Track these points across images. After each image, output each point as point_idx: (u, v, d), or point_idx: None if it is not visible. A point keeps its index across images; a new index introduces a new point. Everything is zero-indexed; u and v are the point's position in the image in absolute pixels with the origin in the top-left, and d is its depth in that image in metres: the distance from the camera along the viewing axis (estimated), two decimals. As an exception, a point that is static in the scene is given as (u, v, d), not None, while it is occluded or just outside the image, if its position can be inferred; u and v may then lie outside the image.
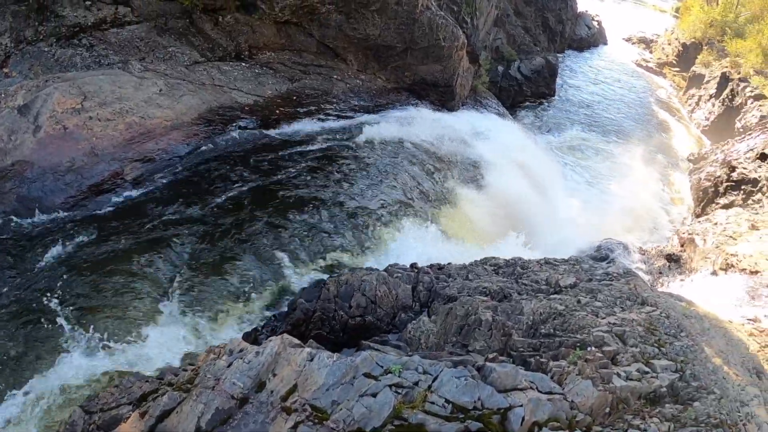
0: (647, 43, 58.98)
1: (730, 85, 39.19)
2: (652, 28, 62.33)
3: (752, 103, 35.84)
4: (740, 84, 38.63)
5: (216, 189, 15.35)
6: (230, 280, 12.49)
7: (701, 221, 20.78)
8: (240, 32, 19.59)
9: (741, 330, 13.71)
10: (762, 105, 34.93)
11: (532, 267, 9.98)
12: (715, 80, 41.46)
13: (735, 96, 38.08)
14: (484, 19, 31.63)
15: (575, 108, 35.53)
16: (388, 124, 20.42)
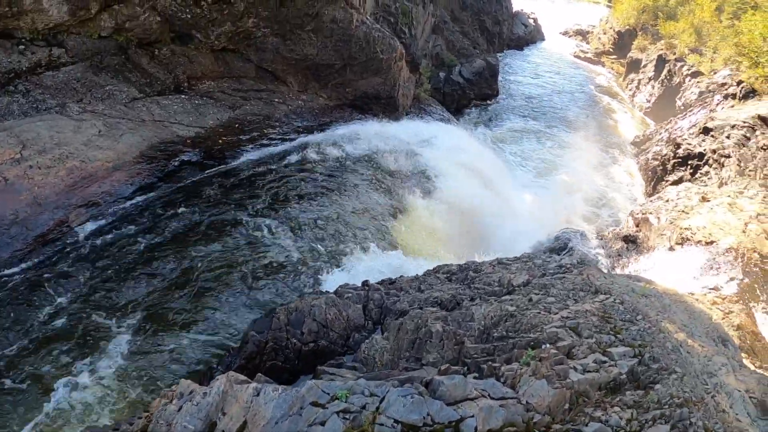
0: (584, 35, 60.43)
1: (668, 66, 40.28)
2: (587, 20, 63.95)
3: (690, 81, 36.84)
4: (677, 64, 39.74)
5: (162, 228, 14.96)
6: (182, 332, 12.04)
7: (653, 200, 21.03)
8: (177, 64, 19.35)
9: (703, 301, 13.76)
10: (700, 82, 35.91)
11: (485, 269, 9.76)
12: (653, 63, 42.59)
13: (673, 76, 39.13)
14: (421, 27, 31.83)
15: (519, 104, 36.07)
16: (333, 142, 20.24)
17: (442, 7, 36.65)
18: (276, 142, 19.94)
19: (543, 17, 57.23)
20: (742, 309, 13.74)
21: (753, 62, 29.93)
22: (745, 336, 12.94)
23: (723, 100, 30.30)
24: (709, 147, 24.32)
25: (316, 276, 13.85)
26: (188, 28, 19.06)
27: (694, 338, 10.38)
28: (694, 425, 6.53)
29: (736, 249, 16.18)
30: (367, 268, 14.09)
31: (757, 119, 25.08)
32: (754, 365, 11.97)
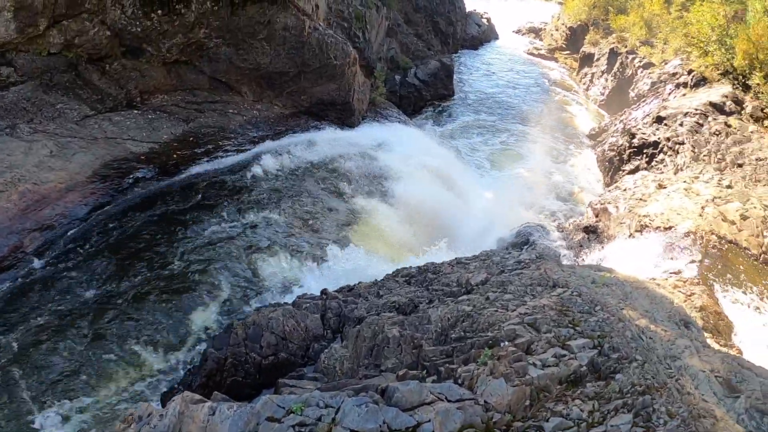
0: (536, 32, 61.20)
1: (620, 59, 41.01)
2: (539, 17, 64.72)
3: (642, 72, 37.52)
4: (628, 56, 40.46)
5: (117, 247, 14.61)
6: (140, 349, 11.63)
7: (611, 190, 21.29)
8: (129, 78, 18.95)
9: (665, 285, 13.88)
10: (651, 72, 36.58)
11: (444, 270, 9.62)
12: (605, 57, 43.34)
13: (625, 68, 39.83)
14: (375, 31, 31.74)
15: (475, 102, 36.29)
16: (289, 151, 19.99)
17: (395, 10, 36.66)
18: (232, 154, 19.60)
19: (496, 16, 57.86)
20: (703, 290, 13.93)
21: (702, 51, 30.65)
22: (708, 316, 13.11)
23: (675, 89, 30.93)
24: (663, 135, 24.77)
25: (275, 287, 13.55)
26: (139, 42, 18.73)
27: (657, 323, 10.40)
28: (657, 411, 6.46)
29: (695, 232, 16.46)
30: (326, 275, 13.86)
31: (709, 106, 25.69)
32: (719, 344, 12.09)
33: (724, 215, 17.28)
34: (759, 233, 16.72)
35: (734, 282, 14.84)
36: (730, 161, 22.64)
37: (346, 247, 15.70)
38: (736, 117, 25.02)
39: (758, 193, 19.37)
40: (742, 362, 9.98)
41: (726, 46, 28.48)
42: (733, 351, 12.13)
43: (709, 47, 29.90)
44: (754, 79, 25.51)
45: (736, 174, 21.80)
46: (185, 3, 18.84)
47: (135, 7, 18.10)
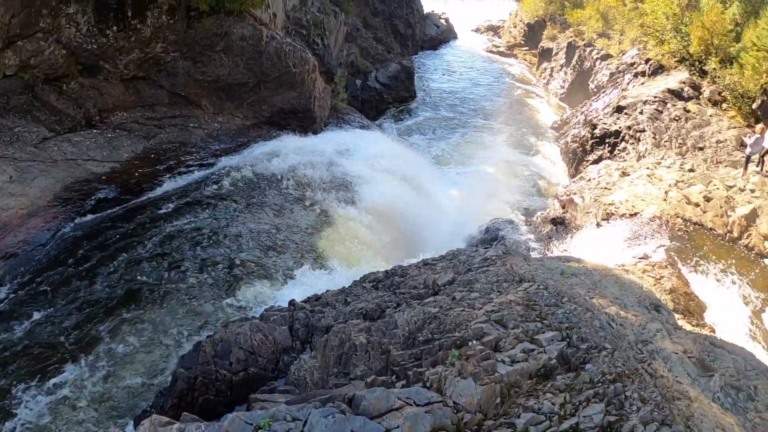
0: (495, 30, 61.89)
1: (578, 52, 41.56)
2: (497, 15, 65.42)
3: (600, 64, 38.05)
4: (586, 49, 41.02)
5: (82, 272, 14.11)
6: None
7: (576, 181, 21.49)
8: (87, 97, 18.60)
9: (634, 270, 13.98)
10: (610, 64, 37.11)
11: (411, 272, 9.50)
12: (563, 51, 43.90)
13: (584, 61, 40.37)
14: (334, 37, 31.67)
15: (437, 102, 36.47)
16: (252, 163, 19.70)
17: (353, 15, 36.65)
18: (194, 169, 19.26)
19: (454, 17, 58.35)
20: (672, 273, 14.06)
21: (659, 40, 31.25)
22: (678, 298, 13.23)
23: (633, 78, 31.43)
24: (624, 124, 25.12)
25: (244, 302, 13.27)
26: (95, 59, 18.44)
27: (627, 309, 10.42)
28: (629, 398, 6.41)
29: (660, 217, 16.68)
30: (296, 286, 13.64)
31: (667, 93, 26.17)
32: (692, 325, 12.21)
33: (688, 198, 17.55)
34: (723, 213, 17.02)
35: (702, 262, 15.06)
36: (691, 145, 23.05)
37: (314, 257, 15.49)
38: (694, 102, 25.52)
39: (720, 174, 19.74)
40: (714, 341, 10.06)
41: (681, 34, 29.08)
42: (706, 330, 12.27)
43: (665, 36, 30.50)
44: (710, 65, 26.06)
45: (698, 157, 22.19)
46: (141, 18, 18.64)
47: (90, 24, 17.87)
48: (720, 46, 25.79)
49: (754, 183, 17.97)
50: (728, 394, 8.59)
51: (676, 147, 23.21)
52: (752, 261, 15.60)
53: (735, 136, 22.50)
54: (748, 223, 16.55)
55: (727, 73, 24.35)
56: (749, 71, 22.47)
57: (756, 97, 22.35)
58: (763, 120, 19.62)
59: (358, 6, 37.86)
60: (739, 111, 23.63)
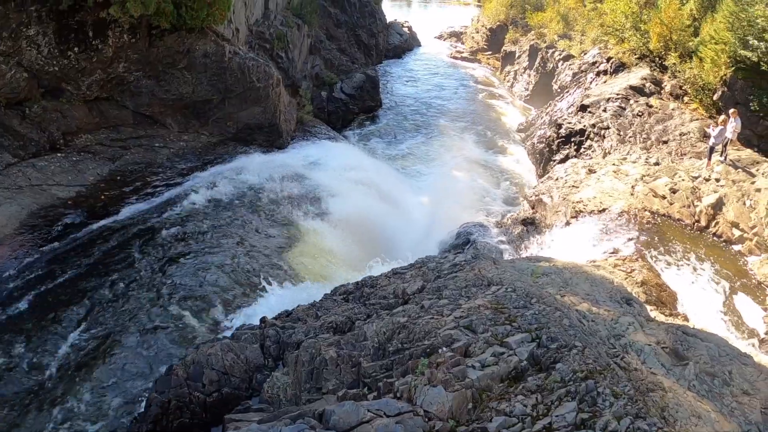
0: (458, 36, 62.50)
1: (540, 54, 42.09)
2: (459, 21, 66.16)
3: (563, 65, 38.57)
4: (548, 51, 41.57)
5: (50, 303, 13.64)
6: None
7: (544, 181, 21.66)
8: (51, 121, 18.26)
9: (605, 266, 14.08)
10: (572, 64, 37.61)
11: (381, 282, 9.41)
12: (526, 54, 44.45)
13: (546, 62, 40.90)
14: (298, 50, 31.65)
15: (403, 110, 36.61)
16: (220, 180, 19.42)
17: (316, 27, 36.67)
18: (161, 189, 18.95)
19: (417, 24, 58.80)
20: (643, 265, 14.19)
21: (619, 39, 31.76)
22: (650, 290, 13.36)
23: (596, 77, 31.87)
24: (589, 122, 25.45)
25: (214, 322, 13.03)
26: (58, 81, 18.17)
27: (599, 305, 10.47)
28: (602, 394, 6.41)
29: (628, 211, 16.88)
30: (267, 303, 13.46)
31: (630, 89, 26.57)
32: (664, 315, 12.32)
33: (654, 191, 17.80)
34: (690, 203, 17.31)
35: (672, 252, 15.25)
36: (655, 139, 23.44)
37: (285, 272, 15.30)
38: (656, 97, 25.95)
39: (685, 165, 20.08)
40: (687, 330, 10.16)
41: (641, 31, 29.58)
42: (679, 319, 12.40)
43: (624, 34, 31.01)
44: (670, 60, 26.53)
45: (662, 151, 22.56)
46: (102, 38, 18.41)
47: (51, 45, 17.62)
48: (679, 42, 26.30)
49: (718, 172, 18.31)
50: (704, 381, 8.67)
51: (640, 142, 23.58)
52: (721, 248, 15.89)
53: (698, 127, 22.93)
54: (714, 212, 16.85)
55: (687, 67, 24.84)
56: (708, 64, 22.95)
57: (716, 88, 22.82)
58: (724, 111, 20.07)
59: (321, 18, 37.89)
60: (701, 103, 24.11)
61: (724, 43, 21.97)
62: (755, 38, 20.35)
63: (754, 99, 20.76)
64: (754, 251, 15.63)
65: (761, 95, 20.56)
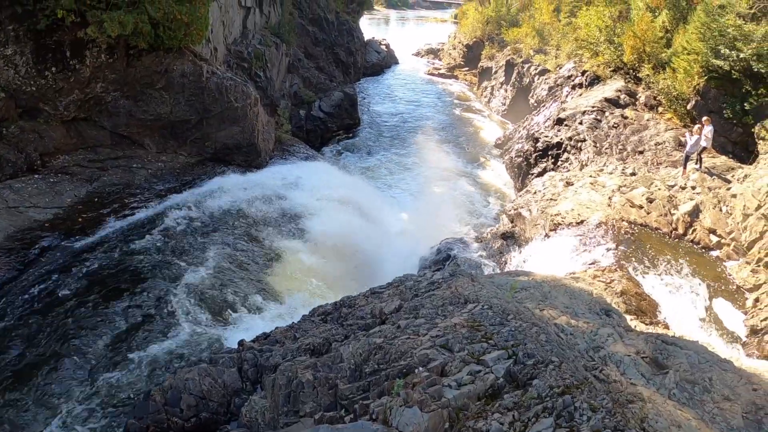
0: (435, 53, 63.21)
1: (516, 69, 42.65)
2: (436, 38, 66.93)
3: (539, 79, 39.10)
4: (524, 66, 42.14)
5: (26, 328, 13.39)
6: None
7: (522, 194, 21.80)
8: (28, 141, 18.08)
9: (585, 277, 14.14)
10: (548, 78, 38.14)
11: (359, 303, 9.37)
12: (502, 69, 45.02)
13: (523, 77, 41.44)
14: (276, 69, 31.71)
15: (381, 127, 36.79)
16: (198, 201, 19.30)
17: (295, 46, 36.82)
18: (139, 211, 18.76)
19: (395, 42, 59.35)
20: (622, 275, 14.27)
21: (593, 52, 32.28)
22: (630, 299, 13.42)
23: (571, 90, 32.30)
24: (565, 135, 25.75)
25: (192, 345, 12.82)
26: (35, 101, 18.00)
27: (578, 317, 10.50)
28: (579, 409, 6.39)
29: (606, 222, 16.99)
30: (246, 325, 13.30)
31: (605, 102, 26.96)
32: (645, 323, 12.38)
33: (631, 201, 17.96)
34: (666, 212, 17.46)
35: (651, 261, 15.29)
36: (631, 150, 23.76)
37: (264, 294, 15.15)
38: (631, 108, 26.35)
39: (661, 175, 20.33)
40: (666, 339, 10.20)
41: (614, 44, 30.08)
42: (660, 327, 12.46)
43: (599, 47, 31.51)
44: (643, 71, 26.98)
45: (638, 161, 22.87)
46: (80, 58, 18.32)
47: (29, 65, 17.52)
48: (652, 53, 26.79)
49: (694, 180, 18.53)
50: (684, 389, 8.70)
51: (616, 153, 23.89)
52: (699, 254, 16.01)
53: (673, 137, 23.30)
54: (691, 219, 16.99)
55: (661, 78, 25.27)
56: (681, 74, 23.40)
57: (690, 98, 23.24)
58: (698, 120, 20.46)
59: (299, 36, 38.07)
60: (675, 113, 24.52)
61: (696, 54, 22.42)
62: (727, 47, 20.82)
63: (727, 107, 21.21)
64: (732, 256, 15.79)
65: (734, 103, 21.01)
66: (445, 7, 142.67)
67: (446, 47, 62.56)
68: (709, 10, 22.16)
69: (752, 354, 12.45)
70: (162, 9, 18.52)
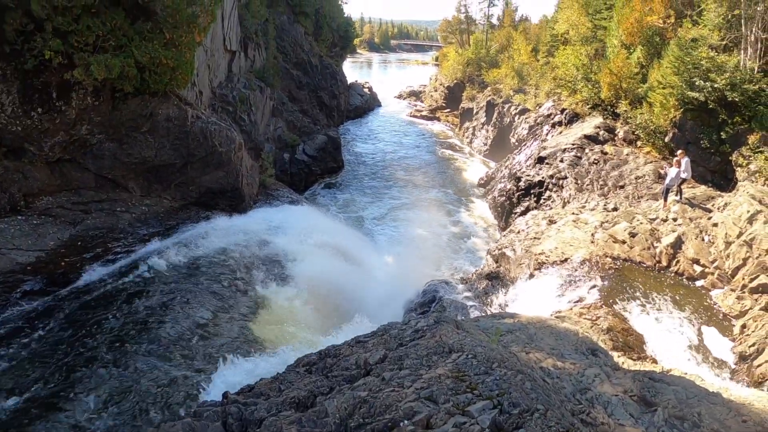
0: (417, 95, 64.38)
1: (497, 110, 43.49)
2: (418, 80, 68.31)
3: (519, 119, 39.87)
4: (504, 106, 43.01)
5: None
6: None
7: (506, 234, 21.93)
8: (12, 181, 17.88)
9: (570, 316, 14.14)
10: (528, 117, 38.97)
11: (343, 352, 9.24)
12: (483, 109, 45.89)
13: (503, 117, 42.23)
14: (261, 112, 32.02)
15: (364, 170, 37.08)
16: (181, 247, 19.12)
17: (279, 90, 37.30)
18: (122, 256, 18.49)
19: (377, 85, 60.38)
20: (608, 312, 14.32)
21: (571, 90, 33.12)
22: (616, 336, 13.43)
23: (551, 128, 32.97)
24: (547, 173, 26.13)
25: (175, 398, 12.51)
26: (20, 141, 17.85)
27: (564, 359, 10.47)
28: (565, 455, 6.32)
29: (589, 259, 17.12)
30: (230, 376, 12.99)
31: (584, 139, 27.53)
32: (632, 359, 12.36)
33: (614, 237, 18.13)
34: (649, 245, 17.62)
35: (636, 296, 15.35)
36: (612, 185, 24.13)
37: (249, 342, 14.85)
38: (610, 144, 26.90)
39: (642, 208, 20.58)
40: (653, 375, 10.19)
41: (592, 81, 30.92)
42: (648, 362, 12.44)
43: (576, 85, 32.34)
44: (621, 107, 27.69)
45: (620, 195, 23.20)
46: (66, 99, 18.28)
47: (15, 105, 17.43)
48: (628, 89, 27.55)
49: (675, 212, 18.80)
50: (673, 426, 8.66)
51: (598, 189, 24.23)
52: (684, 285, 16.13)
53: (652, 170, 23.74)
54: (674, 251, 17.17)
55: (638, 113, 25.93)
56: (658, 108, 24.05)
57: (667, 130, 23.83)
58: (676, 151, 20.93)
59: (283, 80, 38.60)
60: (654, 146, 25.08)
61: (671, 87, 23.10)
62: (701, 79, 21.47)
63: (704, 137, 21.74)
64: (717, 284, 15.93)
65: (710, 132, 21.56)
66: (426, 50, 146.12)
67: (428, 89, 63.72)
68: (682, 44, 22.93)
69: (742, 381, 12.47)
70: (148, 53, 18.71)
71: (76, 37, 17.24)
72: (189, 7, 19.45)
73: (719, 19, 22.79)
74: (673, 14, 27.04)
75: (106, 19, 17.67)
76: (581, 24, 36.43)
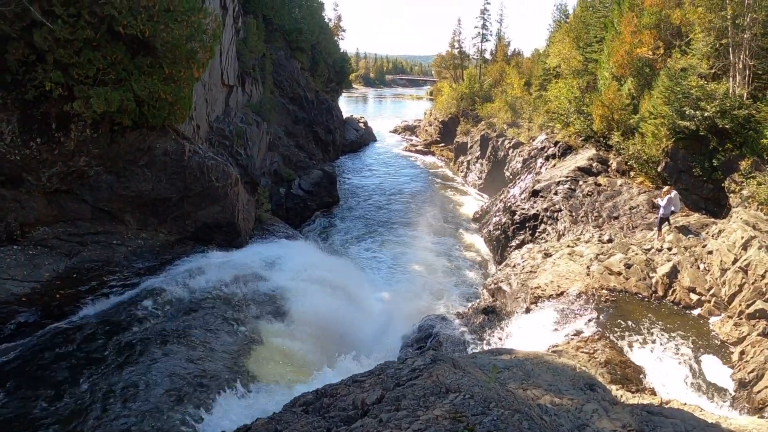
0: (412, 130, 65.11)
1: (491, 143, 43.93)
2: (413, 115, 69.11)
3: (513, 152, 40.23)
4: (498, 140, 43.47)
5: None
6: None
7: (501, 268, 21.92)
8: (9, 210, 17.82)
9: (568, 350, 14.05)
10: (522, 151, 39.35)
11: (340, 392, 9.13)
12: (477, 144, 46.35)
13: (497, 151, 42.63)
14: (257, 147, 32.26)
15: (359, 205, 37.16)
16: (176, 282, 19.04)
17: (275, 124, 37.67)
18: (117, 290, 18.41)
19: (373, 119, 61.05)
20: (605, 344, 14.23)
21: (564, 123, 33.53)
22: (614, 369, 13.33)
23: (545, 161, 33.26)
24: (541, 207, 26.27)
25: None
26: (18, 171, 17.83)
27: (562, 395, 10.39)
28: (562, 495, 6.24)
29: (586, 292, 17.09)
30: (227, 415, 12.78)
31: (578, 171, 27.77)
32: (631, 392, 12.25)
33: (609, 269, 18.13)
34: (645, 276, 17.60)
35: (633, 327, 15.30)
36: (606, 216, 24.23)
37: (244, 381, 14.65)
38: (604, 175, 27.12)
39: (637, 239, 20.61)
40: (652, 409, 10.12)
41: (584, 114, 31.32)
42: (647, 394, 12.33)
43: (569, 118, 32.75)
44: (613, 138, 27.97)
45: (614, 226, 23.27)
46: (65, 131, 18.36)
47: (14, 134, 17.45)
48: (620, 120, 27.87)
49: (669, 241, 18.85)
50: (671, 459, 8.58)
51: (592, 220, 24.33)
52: (681, 314, 16.08)
53: (646, 200, 23.86)
54: (670, 280, 17.16)
55: (630, 144, 26.17)
56: (650, 138, 24.30)
57: (660, 160, 24.02)
58: (669, 180, 21.04)
59: (279, 115, 39.02)
60: (647, 176, 25.26)
61: (662, 117, 23.37)
62: (691, 108, 21.73)
63: (696, 165, 21.93)
64: (714, 312, 15.89)
65: (702, 160, 21.75)
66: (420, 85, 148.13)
67: (422, 124, 64.46)
68: (672, 74, 23.32)
69: (743, 408, 12.36)
70: (147, 88, 18.91)
71: (77, 69, 17.41)
72: (188, 43, 19.70)
73: (707, 48, 23.26)
74: (662, 45, 27.56)
75: (107, 53, 17.88)
76: (572, 57, 37.14)
